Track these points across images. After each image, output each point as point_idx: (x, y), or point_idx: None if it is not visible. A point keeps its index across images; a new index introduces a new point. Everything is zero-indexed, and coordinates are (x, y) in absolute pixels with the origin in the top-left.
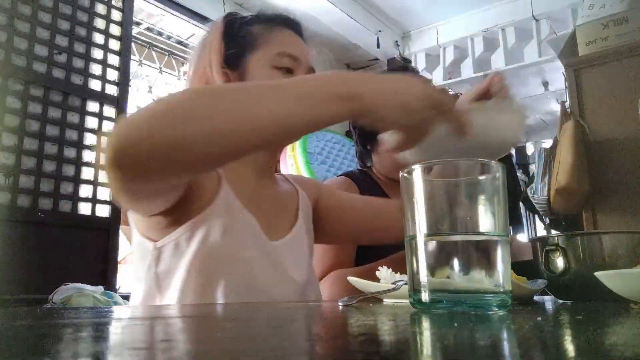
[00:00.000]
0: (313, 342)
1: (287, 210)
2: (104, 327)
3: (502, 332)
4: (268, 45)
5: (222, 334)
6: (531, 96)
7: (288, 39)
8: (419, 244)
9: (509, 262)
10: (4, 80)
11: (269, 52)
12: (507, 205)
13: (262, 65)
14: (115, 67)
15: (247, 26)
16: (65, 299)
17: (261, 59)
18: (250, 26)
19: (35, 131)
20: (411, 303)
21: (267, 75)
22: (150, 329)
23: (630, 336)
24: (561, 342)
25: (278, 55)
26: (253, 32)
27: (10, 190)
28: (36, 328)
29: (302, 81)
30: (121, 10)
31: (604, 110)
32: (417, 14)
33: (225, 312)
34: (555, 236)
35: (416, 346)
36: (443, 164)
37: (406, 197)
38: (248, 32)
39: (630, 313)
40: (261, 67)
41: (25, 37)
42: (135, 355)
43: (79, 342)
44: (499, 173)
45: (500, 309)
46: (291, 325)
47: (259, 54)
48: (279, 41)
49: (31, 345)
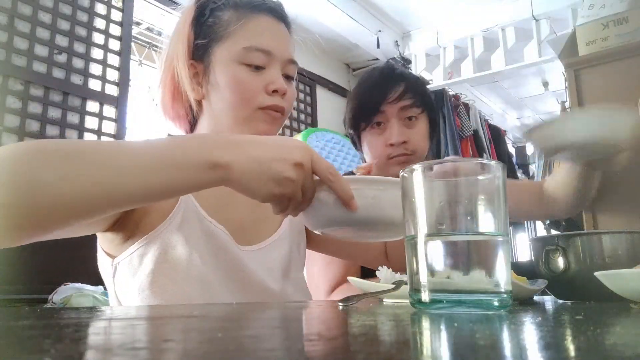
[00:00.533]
0: (313, 342)
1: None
2: (103, 327)
3: (502, 332)
4: (236, 37)
5: (222, 334)
6: (531, 96)
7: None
8: (419, 244)
9: (509, 262)
10: (4, 80)
11: (236, 45)
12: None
13: (227, 60)
14: (115, 67)
15: (217, 12)
16: (65, 299)
17: (227, 53)
18: (221, 12)
19: (35, 131)
20: (411, 303)
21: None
22: (150, 329)
23: (630, 336)
24: (561, 342)
25: (246, 50)
26: (222, 19)
27: None
28: (36, 328)
29: (164, 144)
30: (121, 10)
31: None
32: (417, 14)
33: (225, 312)
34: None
35: (416, 346)
36: (443, 164)
37: (406, 197)
38: (217, 18)
39: (630, 313)
40: (226, 63)
41: (25, 37)
42: (135, 355)
43: (79, 342)
44: (499, 173)
45: (500, 309)
46: (291, 326)
47: (226, 46)
48: (250, 32)
49: (31, 345)
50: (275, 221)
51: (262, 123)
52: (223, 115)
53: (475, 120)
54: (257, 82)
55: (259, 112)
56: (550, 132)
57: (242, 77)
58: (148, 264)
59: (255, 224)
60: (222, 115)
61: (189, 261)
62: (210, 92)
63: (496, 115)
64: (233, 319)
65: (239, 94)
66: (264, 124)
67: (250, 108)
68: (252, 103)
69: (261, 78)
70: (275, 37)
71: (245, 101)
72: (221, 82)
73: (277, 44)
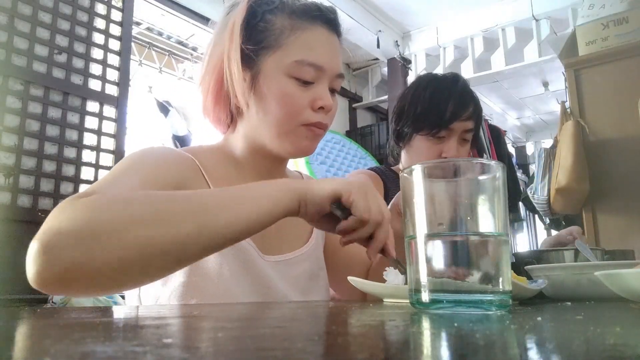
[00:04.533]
0: (313, 342)
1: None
2: (103, 327)
3: (502, 332)
4: (288, 47)
5: (223, 334)
6: (531, 96)
7: (315, 41)
8: (419, 244)
9: (509, 262)
10: (4, 80)
11: (288, 57)
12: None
13: (276, 72)
14: (115, 67)
15: (270, 15)
16: (65, 299)
17: (277, 64)
18: (274, 16)
19: (35, 131)
20: (411, 303)
21: (281, 85)
22: (151, 328)
23: (630, 336)
24: (561, 342)
25: (297, 63)
26: (275, 25)
27: (10, 190)
28: (36, 328)
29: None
30: (121, 10)
31: (604, 110)
32: (417, 14)
33: (223, 312)
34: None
35: (416, 346)
36: (443, 164)
37: (406, 197)
38: (269, 23)
39: (630, 313)
40: (274, 74)
41: (25, 37)
42: (135, 355)
43: (79, 342)
44: (499, 173)
45: (500, 309)
46: (291, 325)
47: (276, 56)
48: (303, 44)
49: (31, 345)
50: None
51: (303, 139)
52: (264, 127)
53: None
54: (304, 97)
55: (302, 128)
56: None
57: (290, 92)
58: (180, 274)
59: (279, 233)
60: (263, 126)
61: (220, 274)
62: (254, 100)
63: (496, 115)
64: (232, 318)
65: (284, 108)
66: (305, 140)
67: (294, 123)
68: (296, 118)
69: (309, 93)
70: (328, 51)
71: (289, 116)
72: (268, 93)
73: (329, 59)
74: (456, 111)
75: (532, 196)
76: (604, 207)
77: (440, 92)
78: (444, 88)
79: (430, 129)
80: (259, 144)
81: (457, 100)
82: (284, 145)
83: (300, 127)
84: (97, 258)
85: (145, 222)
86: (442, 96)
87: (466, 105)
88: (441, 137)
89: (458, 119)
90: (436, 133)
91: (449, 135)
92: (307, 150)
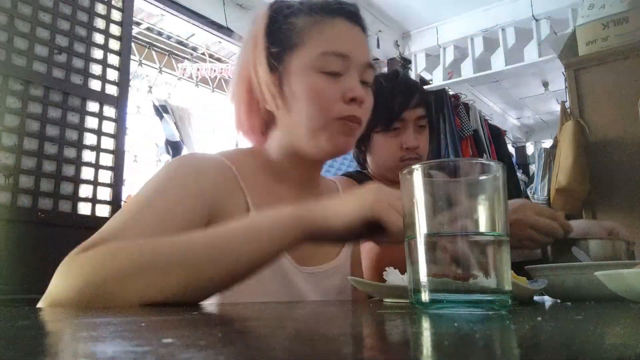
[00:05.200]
0: (312, 341)
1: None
2: (103, 327)
3: (502, 332)
4: (311, 42)
5: (222, 334)
6: (531, 96)
7: (337, 32)
8: (419, 244)
9: (508, 262)
10: (4, 80)
11: (312, 51)
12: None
13: (302, 68)
14: (115, 67)
15: (291, 18)
16: None
17: (302, 61)
18: (295, 17)
19: (35, 131)
20: (411, 303)
21: (308, 80)
22: (153, 328)
23: (630, 336)
24: (561, 342)
25: (322, 55)
26: (296, 25)
27: (10, 190)
28: (36, 328)
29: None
30: (121, 10)
31: (604, 110)
32: (417, 14)
33: (222, 312)
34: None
35: (416, 346)
36: (443, 164)
37: (406, 197)
38: (291, 25)
39: (630, 313)
40: (301, 71)
41: (25, 37)
42: (136, 355)
43: (79, 342)
44: (499, 173)
45: (500, 309)
46: (291, 325)
47: (301, 53)
48: (325, 36)
49: (31, 345)
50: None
51: (339, 135)
52: (298, 127)
53: (475, 120)
54: (334, 90)
55: (336, 123)
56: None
57: (319, 86)
58: None
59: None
60: (297, 127)
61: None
62: (284, 103)
63: (496, 115)
64: (228, 319)
65: (315, 103)
66: (341, 136)
67: (327, 118)
68: (329, 113)
69: (338, 86)
70: (352, 40)
71: (321, 110)
72: (297, 91)
73: (354, 47)
74: (403, 100)
75: (532, 196)
76: (604, 207)
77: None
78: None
79: (384, 123)
80: (295, 148)
81: (401, 90)
82: (320, 143)
83: (334, 122)
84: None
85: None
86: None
87: (412, 93)
88: (397, 129)
89: (407, 107)
90: (390, 125)
91: (403, 126)
92: (344, 147)
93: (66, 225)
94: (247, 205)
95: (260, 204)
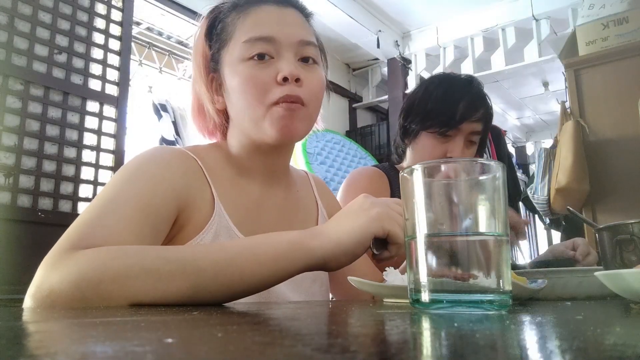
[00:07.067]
0: (312, 341)
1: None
2: (103, 327)
3: (502, 332)
4: (236, 34)
5: (223, 334)
6: (531, 96)
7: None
8: (419, 244)
9: (509, 262)
10: (4, 80)
11: (237, 42)
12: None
13: (233, 62)
14: (115, 67)
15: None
16: None
17: (232, 54)
18: (226, 17)
19: (35, 131)
20: (411, 303)
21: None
22: (153, 328)
23: (630, 336)
24: (561, 342)
25: (246, 43)
26: (227, 23)
27: (10, 190)
28: (36, 328)
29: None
30: (121, 10)
31: (604, 110)
32: (417, 14)
33: (222, 312)
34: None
35: (416, 346)
36: (443, 164)
37: (406, 197)
38: (224, 24)
39: (630, 313)
40: (232, 64)
41: (25, 37)
42: (136, 355)
43: (79, 342)
44: (499, 173)
45: (500, 309)
46: (290, 325)
47: (230, 47)
48: (247, 24)
49: (31, 345)
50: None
51: (279, 120)
52: (243, 119)
53: None
54: (265, 74)
55: (275, 108)
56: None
57: (249, 73)
58: None
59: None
60: (243, 119)
61: None
62: (227, 100)
63: (496, 115)
64: (234, 318)
65: (250, 92)
66: (282, 120)
67: (266, 104)
68: (265, 98)
69: (270, 69)
70: (277, 22)
71: (258, 98)
72: (233, 85)
73: (280, 28)
74: (466, 112)
75: (532, 196)
76: (604, 207)
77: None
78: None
79: (439, 126)
80: (249, 141)
81: (469, 101)
82: (264, 130)
83: (273, 108)
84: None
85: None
86: (455, 95)
87: (477, 107)
88: (448, 136)
89: (467, 119)
90: (444, 132)
91: (455, 135)
92: (289, 131)
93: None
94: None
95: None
